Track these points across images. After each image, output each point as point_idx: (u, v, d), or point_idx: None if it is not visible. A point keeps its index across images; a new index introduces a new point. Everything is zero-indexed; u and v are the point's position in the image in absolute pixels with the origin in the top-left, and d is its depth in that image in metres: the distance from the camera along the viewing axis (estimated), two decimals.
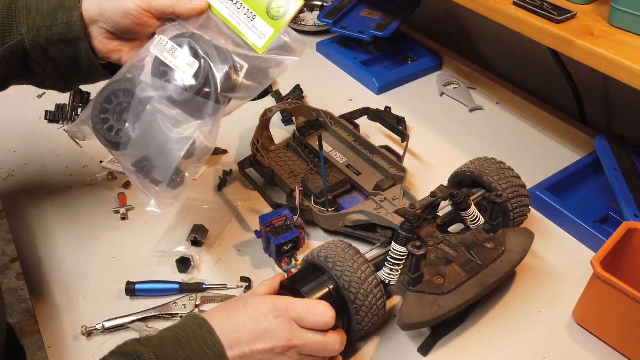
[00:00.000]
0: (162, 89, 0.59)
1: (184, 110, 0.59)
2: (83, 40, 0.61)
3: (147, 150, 0.59)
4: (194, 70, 0.59)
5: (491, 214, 0.71)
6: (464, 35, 1.29)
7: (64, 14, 0.61)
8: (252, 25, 0.61)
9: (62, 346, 0.67)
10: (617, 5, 0.76)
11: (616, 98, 1.03)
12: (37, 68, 0.63)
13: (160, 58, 0.59)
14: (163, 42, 0.60)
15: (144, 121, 0.58)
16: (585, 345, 0.69)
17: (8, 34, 0.60)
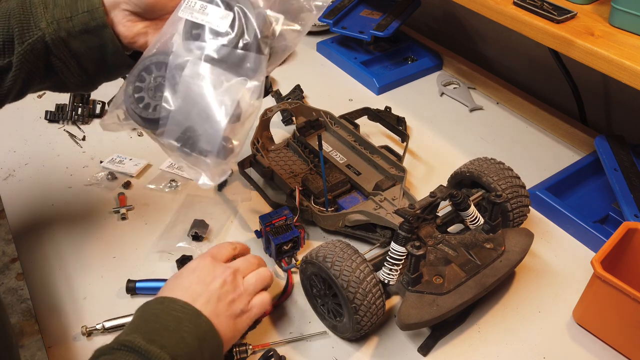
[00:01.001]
0: (198, 50, 0.54)
1: (223, 69, 0.54)
2: (107, 27, 0.57)
3: (189, 120, 0.54)
4: (228, 21, 0.54)
5: (490, 214, 0.71)
6: (464, 35, 1.29)
7: (84, 2, 0.57)
8: None
9: (62, 346, 0.67)
10: (617, 5, 0.76)
11: (616, 98, 1.03)
12: (60, 65, 0.59)
13: (190, 20, 0.55)
14: (191, 3, 0.55)
15: (182, 89, 0.54)
16: (585, 345, 0.69)
17: (26, 30, 0.56)
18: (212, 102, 0.53)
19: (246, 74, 0.54)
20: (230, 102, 0.53)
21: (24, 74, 0.58)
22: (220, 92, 0.53)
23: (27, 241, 0.80)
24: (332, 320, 0.68)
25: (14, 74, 0.57)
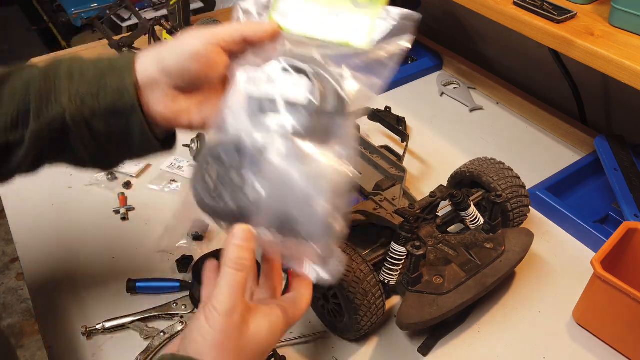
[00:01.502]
0: (275, 127, 0.47)
1: (310, 142, 0.47)
2: (136, 111, 0.49)
3: (283, 206, 0.46)
4: (303, 88, 0.47)
5: (491, 214, 0.71)
6: (464, 35, 1.29)
7: (113, 78, 0.49)
8: (339, 23, 0.51)
9: (62, 346, 0.67)
10: (617, 5, 0.76)
11: (616, 98, 1.03)
12: (78, 145, 0.51)
13: (256, 94, 0.48)
14: (253, 75, 0.49)
15: (267, 172, 0.46)
16: (585, 345, 0.69)
17: (45, 105, 0.49)
18: (307, 182, 0.45)
19: (335, 141, 0.47)
20: (326, 178, 0.46)
21: (36, 151, 0.50)
22: (312, 168, 0.46)
23: (27, 241, 0.80)
24: (332, 320, 0.68)
25: (25, 151, 0.50)
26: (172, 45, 0.50)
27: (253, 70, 0.49)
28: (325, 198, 0.46)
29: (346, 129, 0.48)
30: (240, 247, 0.44)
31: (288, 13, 0.52)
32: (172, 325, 0.68)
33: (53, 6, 2.31)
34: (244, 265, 0.44)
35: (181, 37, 0.50)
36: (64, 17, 2.19)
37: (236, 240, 0.45)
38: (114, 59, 0.51)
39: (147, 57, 0.50)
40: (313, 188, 0.45)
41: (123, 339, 0.67)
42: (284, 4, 0.52)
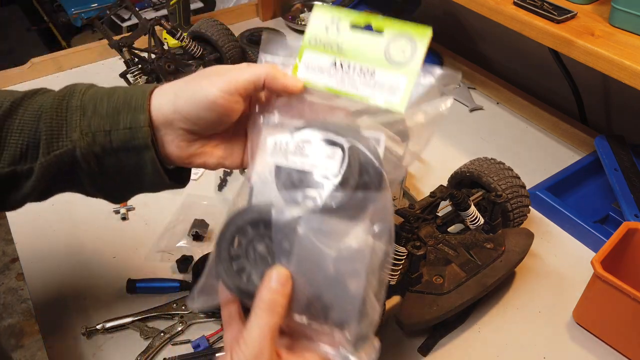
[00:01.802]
0: (306, 201, 0.43)
1: (344, 218, 0.43)
2: (149, 149, 0.48)
3: (313, 288, 0.43)
4: (337, 161, 0.43)
5: (491, 214, 0.71)
6: (464, 35, 1.29)
7: (127, 116, 0.48)
8: (374, 82, 0.46)
9: (62, 346, 0.67)
10: (617, 5, 0.76)
11: (616, 98, 1.03)
12: (87, 180, 0.50)
13: (287, 165, 0.44)
14: (281, 144, 0.45)
15: (299, 251, 0.42)
16: (585, 345, 0.69)
17: (56, 139, 0.47)
18: (341, 263, 0.42)
19: (371, 217, 0.43)
20: (361, 259, 0.42)
21: (45, 183, 0.49)
22: (347, 248, 0.43)
23: (27, 241, 0.80)
24: None
25: (33, 183, 0.49)
26: (189, 90, 0.48)
27: (282, 136, 0.45)
28: (359, 279, 0.42)
29: (382, 202, 0.43)
30: (276, 291, 0.42)
31: (314, 66, 0.48)
32: (172, 325, 0.68)
33: (53, 6, 2.31)
34: (278, 311, 0.42)
35: (199, 79, 0.48)
36: (64, 17, 2.18)
37: (272, 283, 0.42)
38: (128, 93, 0.49)
39: (163, 97, 0.49)
40: (346, 268, 0.42)
41: (123, 339, 0.67)
42: (309, 57, 0.48)
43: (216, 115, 0.48)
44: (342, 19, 0.47)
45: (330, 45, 0.47)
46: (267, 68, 0.48)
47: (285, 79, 0.47)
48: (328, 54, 0.47)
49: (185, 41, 1.06)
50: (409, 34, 0.45)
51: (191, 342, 0.66)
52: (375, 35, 0.46)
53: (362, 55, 0.46)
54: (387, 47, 0.46)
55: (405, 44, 0.45)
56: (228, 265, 0.44)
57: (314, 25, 0.48)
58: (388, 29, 0.46)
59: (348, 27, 0.47)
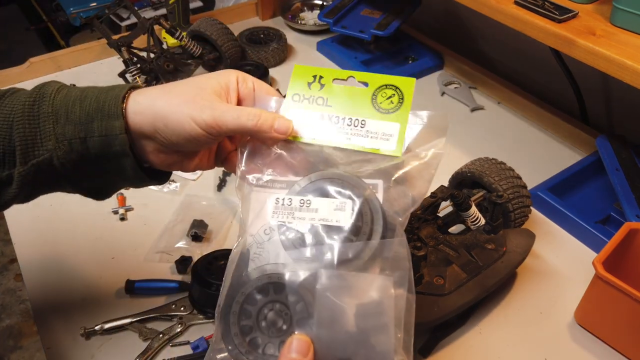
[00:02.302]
0: (320, 257, 0.41)
1: (360, 269, 0.41)
2: (128, 157, 0.48)
3: (338, 350, 0.40)
4: (348, 213, 0.42)
5: (492, 215, 0.71)
6: (465, 34, 1.28)
7: (101, 123, 0.46)
8: (366, 132, 0.46)
9: (61, 347, 0.66)
10: (618, 5, 0.75)
11: (618, 98, 1.03)
12: (67, 184, 0.51)
13: (292, 224, 0.43)
14: (284, 202, 0.44)
15: (318, 312, 0.40)
16: (586, 346, 0.68)
17: (31, 149, 0.46)
18: (365, 319, 0.40)
19: (389, 266, 0.42)
20: (386, 311, 0.41)
21: (27, 188, 0.49)
22: (369, 302, 0.41)
23: (26, 242, 0.79)
24: None
25: (14, 190, 0.48)
26: (171, 118, 0.46)
27: (283, 194, 0.45)
28: (386, 334, 0.40)
29: (397, 249, 0.43)
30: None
31: (302, 122, 0.48)
32: (171, 326, 0.68)
33: (52, 5, 2.31)
34: None
35: (183, 102, 0.46)
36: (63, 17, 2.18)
37: (292, 354, 0.40)
38: (101, 99, 0.47)
39: (141, 115, 0.47)
40: (372, 324, 0.40)
41: (122, 340, 0.67)
42: (296, 114, 0.48)
43: (196, 146, 0.48)
44: (324, 75, 0.48)
45: (315, 100, 0.48)
46: (258, 119, 0.46)
47: (272, 132, 0.46)
48: (314, 109, 0.48)
49: (184, 40, 1.05)
50: (394, 84, 0.47)
51: (190, 344, 0.66)
52: (360, 88, 0.47)
53: (350, 107, 0.47)
54: (374, 98, 0.47)
55: (392, 93, 0.47)
56: (240, 340, 0.41)
57: (296, 84, 0.49)
58: (372, 82, 0.47)
59: (331, 82, 0.48)
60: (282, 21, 1.34)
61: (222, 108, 0.46)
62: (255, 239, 0.45)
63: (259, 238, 0.45)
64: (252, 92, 0.50)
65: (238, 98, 0.50)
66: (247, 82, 0.50)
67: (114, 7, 1.14)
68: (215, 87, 0.48)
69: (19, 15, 2.77)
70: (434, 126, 0.47)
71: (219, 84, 0.48)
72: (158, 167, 0.51)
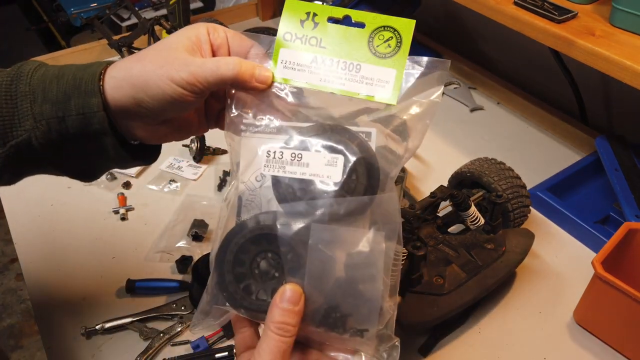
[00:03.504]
0: (311, 210, 0.41)
1: (352, 223, 0.42)
2: (108, 135, 0.46)
3: (328, 298, 0.42)
4: (339, 168, 0.42)
5: (491, 215, 0.71)
6: (465, 35, 1.28)
7: (78, 101, 0.45)
8: (361, 77, 0.44)
9: (62, 347, 0.66)
10: (618, 5, 0.76)
11: (617, 98, 1.03)
12: (49, 165, 0.49)
13: (284, 177, 0.42)
14: (276, 154, 0.43)
15: (309, 264, 0.41)
16: (586, 345, 0.69)
17: (9, 129, 0.45)
18: (355, 269, 0.42)
19: (380, 218, 0.42)
20: (375, 263, 0.42)
21: (11, 169, 0.47)
22: (359, 253, 0.41)
23: (27, 241, 0.79)
24: None
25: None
26: (150, 84, 0.44)
27: (274, 145, 0.43)
28: (375, 283, 0.41)
29: (388, 203, 0.42)
30: (288, 311, 0.40)
31: (293, 64, 0.45)
32: (171, 325, 0.68)
33: (52, 6, 2.31)
34: (290, 331, 0.40)
35: (158, 66, 0.44)
36: (64, 17, 2.18)
37: (284, 303, 0.40)
38: (77, 76, 0.46)
39: (119, 90, 0.45)
40: (361, 274, 0.41)
41: (122, 340, 0.67)
42: (287, 54, 0.45)
43: (182, 108, 0.46)
44: (318, 12, 0.45)
45: (309, 40, 0.45)
46: (238, 68, 0.44)
47: (249, 72, 0.44)
48: (307, 50, 0.45)
49: None
50: (392, 25, 0.44)
51: (191, 343, 0.66)
52: (356, 29, 0.44)
53: (345, 50, 0.45)
54: (370, 41, 0.44)
55: (389, 36, 0.44)
56: (235, 287, 0.43)
57: (288, 21, 0.45)
58: (369, 22, 0.44)
59: (326, 21, 0.45)
60: None
61: (197, 62, 0.44)
62: (247, 185, 0.44)
63: (251, 185, 0.44)
64: (225, 41, 0.47)
65: (212, 50, 0.47)
66: (218, 31, 0.47)
67: (115, 8, 1.14)
68: (185, 43, 0.45)
69: (19, 16, 2.78)
70: (433, 73, 0.45)
71: (189, 39, 0.46)
72: (149, 142, 0.49)
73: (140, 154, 0.51)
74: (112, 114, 0.46)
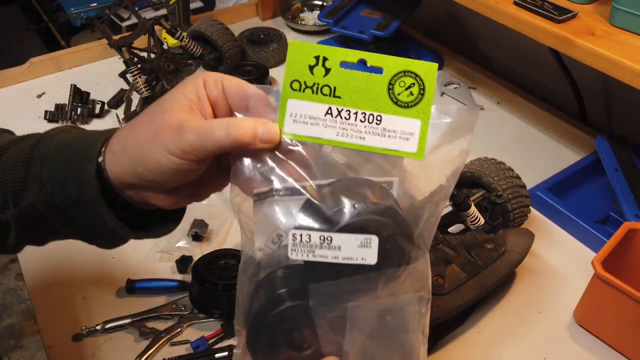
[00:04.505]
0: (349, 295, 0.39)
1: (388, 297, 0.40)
2: (102, 205, 0.42)
3: None
4: (374, 249, 0.38)
5: (491, 215, 0.71)
6: (465, 34, 1.28)
7: (76, 167, 0.42)
8: (382, 130, 0.40)
9: (62, 346, 0.67)
10: (618, 5, 0.76)
11: (617, 98, 1.03)
12: (61, 229, 0.46)
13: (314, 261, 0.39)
14: (302, 238, 0.39)
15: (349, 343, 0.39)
16: (585, 345, 0.69)
17: (20, 192, 0.43)
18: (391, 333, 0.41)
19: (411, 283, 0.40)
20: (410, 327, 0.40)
21: (27, 233, 0.46)
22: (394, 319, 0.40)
23: None
24: None
25: (15, 233, 0.46)
26: (147, 158, 0.40)
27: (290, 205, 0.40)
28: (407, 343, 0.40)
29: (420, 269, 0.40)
30: None
31: (304, 117, 0.40)
32: (171, 325, 0.68)
33: (52, 6, 2.31)
34: None
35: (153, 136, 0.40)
36: (64, 17, 2.18)
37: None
38: (86, 142, 0.43)
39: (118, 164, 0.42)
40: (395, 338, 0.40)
41: (122, 340, 0.67)
42: (296, 106, 0.40)
43: (185, 177, 0.42)
44: (328, 56, 0.40)
45: (321, 89, 0.40)
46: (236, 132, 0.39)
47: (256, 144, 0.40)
48: (319, 101, 0.40)
49: (184, 41, 1.05)
50: (413, 71, 0.40)
51: (191, 343, 0.66)
52: (374, 75, 0.40)
53: (363, 99, 0.40)
54: (390, 88, 0.40)
55: (411, 82, 0.40)
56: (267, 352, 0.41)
57: (295, 67, 0.40)
58: (388, 67, 0.40)
59: (338, 67, 0.40)
60: (282, 21, 1.34)
61: (193, 128, 0.39)
62: (264, 252, 0.41)
63: (268, 250, 0.41)
64: (221, 93, 0.42)
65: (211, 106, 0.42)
66: (215, 82, 0.42)
67: (115, 8, 1.14)
68: (182, 102, 0.41)
69: (19, 16, 2.77)
70: (460, 122, 0.41)
71: (185, 96, 0.41)
72: (168, 207, 0.45)
73: (156, 224, 0.47)
74: (116, 186, 0.43)
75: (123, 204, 0.44)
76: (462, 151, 0.41)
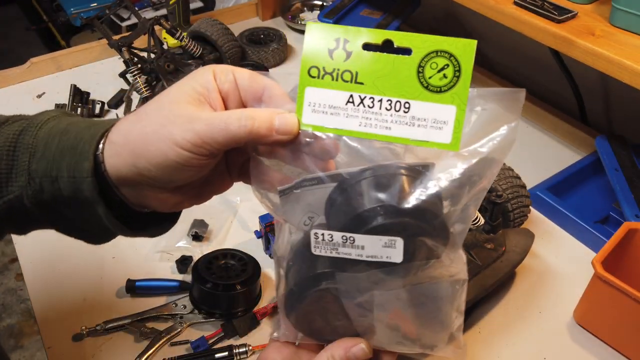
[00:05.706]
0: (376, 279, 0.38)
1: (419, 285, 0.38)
2: (99, 204, 0.40)
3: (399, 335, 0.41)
4: (400, 249, 0.36)
5: (491, 215, 0.71)
6: (464, 34, 1.28)
7: (71, 161, 0.39)
8: (410, 118, 0.36)
9: (62, 347, 0.66)
10: (618, 5, 0.76)
11: (617, 98, 1.03)
12: (48, 225, 0.43)
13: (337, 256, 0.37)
14: (324, 237, 0.37)
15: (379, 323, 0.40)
16: (585, 345, 0.69)
17: (5, 184, 0.40)
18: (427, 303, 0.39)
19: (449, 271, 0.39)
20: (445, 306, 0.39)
21: (8, 225, 0.43)
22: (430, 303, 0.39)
23: (26, 241, 0.79)
24: None
25: None
26: (150, 149, 0.38)
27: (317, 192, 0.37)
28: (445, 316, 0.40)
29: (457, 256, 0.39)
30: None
31: (324, 106, 0.37)
32: (171, 325, 0.68)
33: (52, 6, 2.31)
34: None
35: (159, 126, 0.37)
36: (64, 17, 2.18)
37: None
38: (80, 133, 0.40)
39: (118, 156, 0.39)
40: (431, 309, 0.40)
41: (122, 340, 0.67)
42: (314, 94, 0.37)
43: (192, 173, 0.39)
44: (350, 38, 0.36)
45: (341, 75, 0.37)
46: (251, 124, 0.37)
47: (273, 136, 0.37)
48: (340, 88, 0.37)
49: (184, 41, 1.05)
50: (447, 50, 0.36)
51: (191, 343, 0.66)
52: (401, 56, 0.36)
53: (388, 84, 0.36)
54: (420, 71, 0.36)
55: (445, 63, 0.36)
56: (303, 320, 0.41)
57: (313, 51, 0.37)
58: (417, 47, 0.35)
59: (361, 49, 0.36)
60: (282, 21, 1.34)
61: (204, 119, 0.37)
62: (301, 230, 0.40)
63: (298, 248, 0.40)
64: (234, 85, 0.39)
65: (222, 98, 0.40)
66: (226, 74, 0.39)
67: (115, 8, 1.14)
68: (191, 94, 0.38)
69: (19, 15, 2.78)
70: (503, 107, 0.36)
71: (194, 89, 0.39)
72: (167, 210, 0.43)
73: (150, 224, 0.45)
74: (113, 183, 0.40)
75: (116, 201, 0.41)
76: (507, 140, 0.36)
